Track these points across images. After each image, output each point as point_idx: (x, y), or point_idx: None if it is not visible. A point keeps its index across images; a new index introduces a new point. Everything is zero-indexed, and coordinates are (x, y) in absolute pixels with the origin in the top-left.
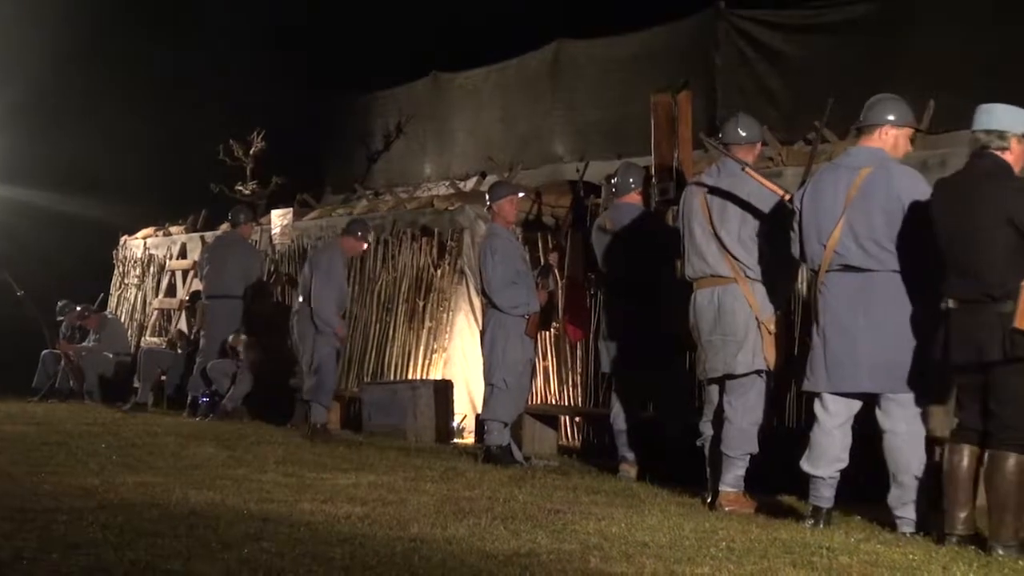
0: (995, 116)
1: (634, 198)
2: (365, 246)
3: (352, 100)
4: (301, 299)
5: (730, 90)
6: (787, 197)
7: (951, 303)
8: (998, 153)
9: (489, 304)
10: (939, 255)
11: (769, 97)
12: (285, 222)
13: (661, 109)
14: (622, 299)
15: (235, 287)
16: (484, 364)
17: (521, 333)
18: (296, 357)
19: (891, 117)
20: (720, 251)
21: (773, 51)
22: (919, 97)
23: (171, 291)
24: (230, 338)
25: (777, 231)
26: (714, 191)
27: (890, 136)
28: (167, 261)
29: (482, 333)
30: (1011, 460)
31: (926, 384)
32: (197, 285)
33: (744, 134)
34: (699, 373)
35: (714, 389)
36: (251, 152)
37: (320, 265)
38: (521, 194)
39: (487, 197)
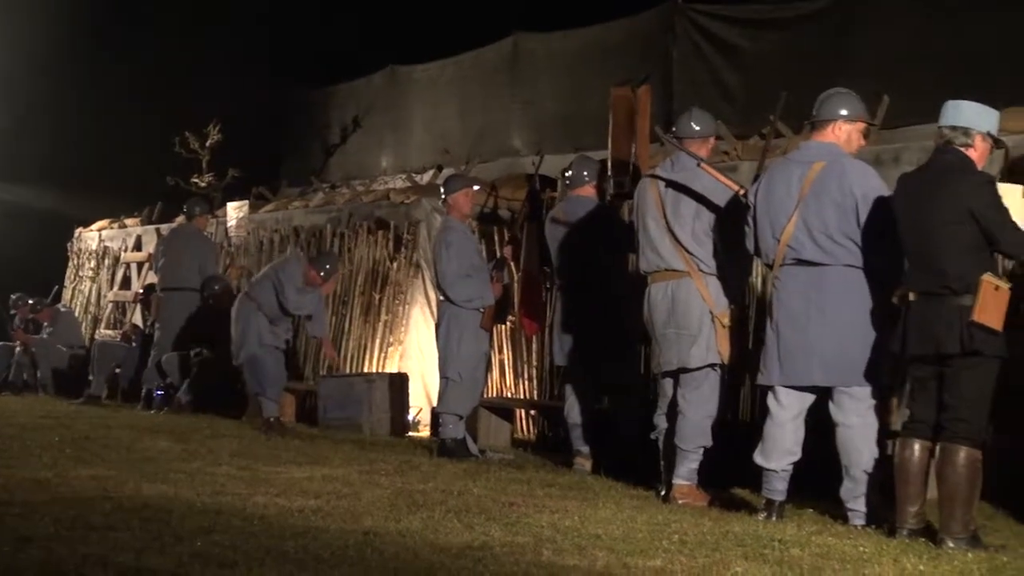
0: (961, 113)
1: (588, 191)
2: (327, 286)
3: (309, 93)
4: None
5: (686, 84)
6: (741, 192)
7: (911, 295)
8: (962, 149)
9: (444, 298)
10: (902, 248)
11: (725, 91)
12: (241, 215)
13: (620, 103)
14: (576, 292)
15: (190, 279)
16: (439, 357)
17: (476, 326)
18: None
19: (843, 112)
20: (674, 245)
21: (729, 46)
22: (873, 92)
23: (126, 283)
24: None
25: (731, 225)
26: (669, 185)
27: (843, 131)
28: (122, 253)
29: (437, 326)
30: (962, 453)
31: (879, 377)
32: (152, 278)
33: (698, 128)
34: (653, 366)
35: (668, 382)
36: (207, 144)
37: (287, 279)
38: (476, 187)
39: (442, 190)
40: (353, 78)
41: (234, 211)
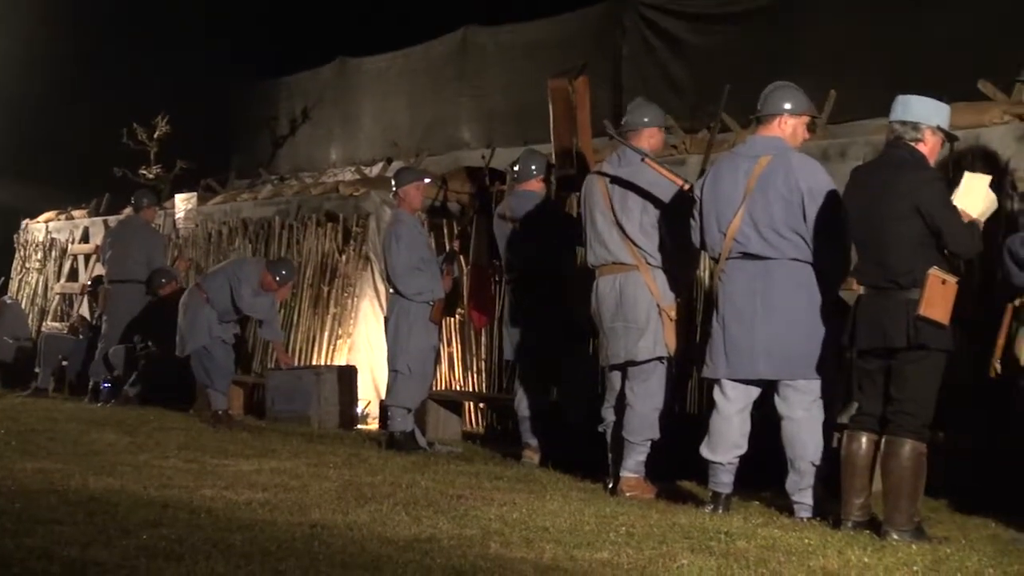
0: (910, 108)
1: (535, 185)
2: (281, 292)
3: (258, 85)
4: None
5: (635, 79)
6: (686, 187)
7: (861, 289)
8: (912, 144)
9: (393, 291)
10: (852, 242)
11: (673, 86)
12: (189, 206)
13: (558, 95)
14: (524, 286)
15: (138, 272)
16: (388, 350)
17: (425, 320)
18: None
19: (788, 106)
20: (622, 239)
21: (677, 40)
22: (820, 87)
23: (73, 276)
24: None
25: (678, 219)
26: (614, 181)
27: (788, 125)
28: (69, 245)
29: (386, 319)
30: (907, 446)
31: (824, 371)
32: (99, 270)
33: (646, 119)
34: (601, 359)
35: (616, 375)
36: (155, 136)
37: (244, 280)
38: (427, 180)
39: (392, 183)
40: (302, 70)
41: (182, 203)
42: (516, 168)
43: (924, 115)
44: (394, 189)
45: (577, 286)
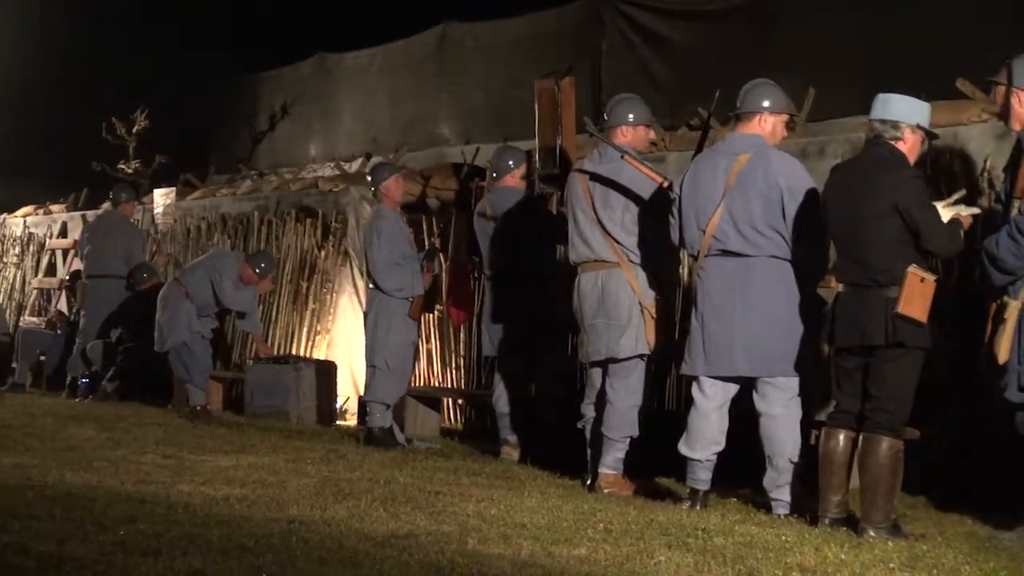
0: (890, 106)
1: (513, 181)
2: (263, 284)
3: (238, 80)
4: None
5: (615, 75)
6: (665, 183)
7: (840, 287)
8: (892, 143)
9: (373, 286)
10: (831, 240)
11: (653, 82)
12: (168, 201)
13: (544, 95)
14: (504, 283)
15: (116, 267)
16: (366, 346)
17: (404, 315)
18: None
19: (767, 104)
20: (603, 236)
21: (658, 37)
22: (800, 85)
23: (51, 270)
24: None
25: (659, 216)
26: (595, 177)
27: (768, 123)
28: (47, 240)
29: (365, 315)
30: (884, 444)
31: (802, 368)
32: (78, 264)
33: (631, 116)
34: (581, 356)
35: (596, 372)
36: (134, 130)
37: (225, 273)
38: (403, 171)
39: (370, 180)
40: (282, 65)
41: (161, 198)
42: (493, 165)
43: (904, 113)
44: (373, 186)
45: (558, 283)
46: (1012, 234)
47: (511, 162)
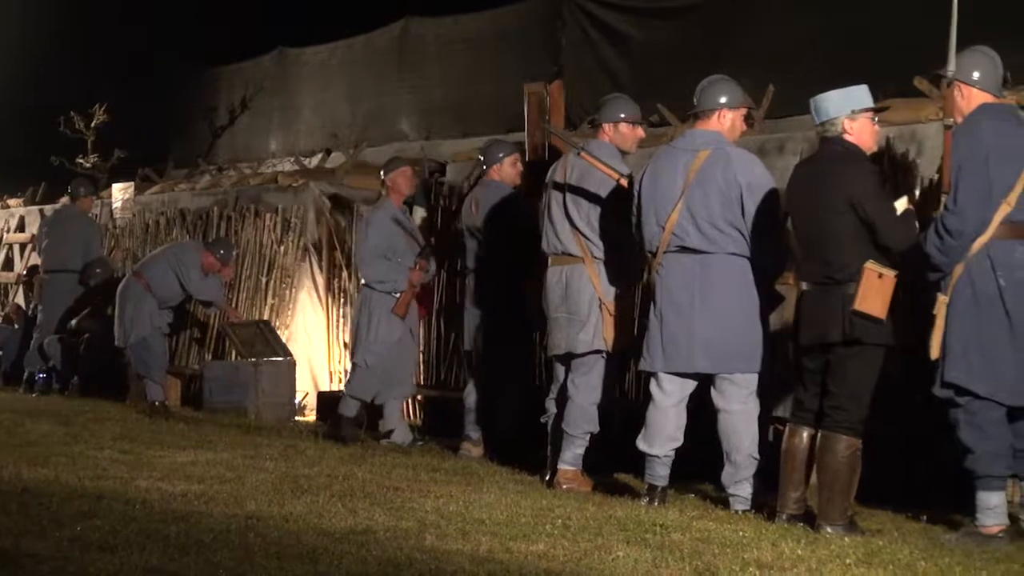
0: (820, 108)
1: (500, 175)
2: (227, 271)
3: (197, 74)
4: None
5: (576, 72)
6: (624, 180)
7: (804, 285)
8: (841, 136)
9: (360, 279)
10: (793, 238)
11: (613, 79)
12: (126, 196)
13: (533, 99)
14: (484, 278)
15: (74, 261)
16: (352, 340)
17: (389, 312)
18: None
19: (725, 100)
20: (571, 230)
21: (618, 34)
22: (759, 82)
23: (8, 265)
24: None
25: (621, 213)
26: (573, 170)
27: (727, 119)
28: (4, 234)
29: (353, 308)
30: (842, 442)
31: (760, 364)
32: (35, 259)
33: (622, 115)
34: (549, 349)
35: (560, 367)
36: (93, 125)
37: (190, 264)
38: (413, 166)
39: (382, 172)
40: (242, 60)
41: (119, 192)
42: (482, 158)
43: (835, 108)
44: (383, 178)
45: (535, 280)
46: (937, 230)
47: (500, 154)
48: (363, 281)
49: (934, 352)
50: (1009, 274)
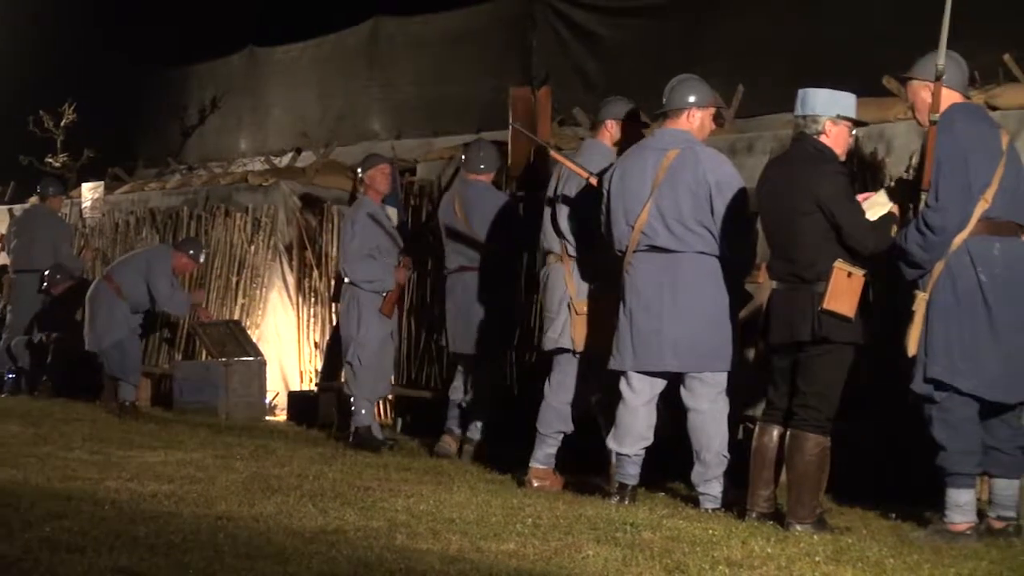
0: (808, 100)
1: (483, 176)
2: (196, 265)
3: (167, 73)
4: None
5: (545, 70)
6: (593, 180)
7: (774, 284)
8: (816, 138)
9: (346, 278)
10: (766, 237)
11: (584, 78)
12: (96, 195)
13: (520, 104)
14: (467, 278)
15: (43, 261)
16: (343, 341)
17: (377, 310)
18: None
19: (694, 99)
20: (554, 229)
21: (588, 33)
22: (728, 81)
23: None
24: None
25: (593, 213)
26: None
27: (696, 118)
28: None
29: (342, 309)
30: (811, 441)
31: (730, 363)
32: (4, 259)
33: (622, 113)
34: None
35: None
36: (62, 124)
37: (161, 273)
38: (391, 163)
39: (359, 169)
40: (212, 59)
41: (89, 192)
42: (464, 158)
43: (822, 106)
44: (360, 175)
45: (518, 280)
46: (919, 227)
47: (482, 154)
48: (347, 280)
49: (911, 349)
50: (989, 270)
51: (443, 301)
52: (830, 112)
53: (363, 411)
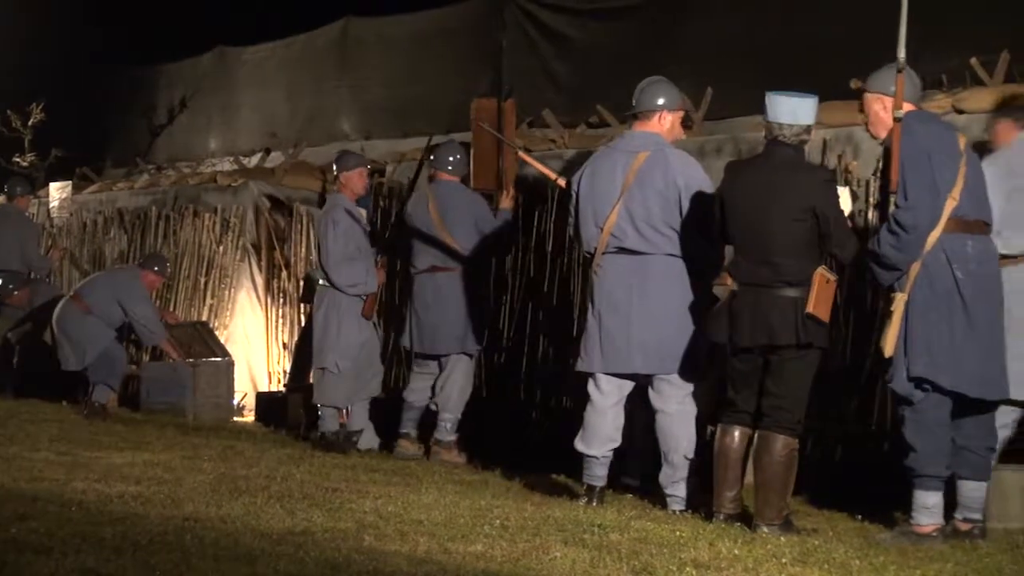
0: (787, 107)
1: (452, 176)
2: (163, 279)
3: (135, 73)
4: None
5: (516, 72)
6: (561, 182)
7: (739, 287)
8: (796, 142)
9: (324, 280)
10: (730, 240)
11: (553, 80)
12: (64, 195)
13: (484, 115)
14: (433, 278)
15: (11, 261)
16: (315, 345)
17: (357, 314)
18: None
19: (664, 101)
20: None
21: (558, 35)
22: (698, 84)
23: None
24: None
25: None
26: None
27: (667, 120)
28: None
29: (314, 312)
30: (779, 442)
31: (697, 365)
32: None
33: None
34: None
35: None
36: (30, 123)
37: (138, 299)
38: (368, 166)
39: (335, 167)
40: (181, 58)
41: (57, 192)
42: (435, 157)
43: (804, 114)
44: (336, 174)
45: (486, 281)
46: (891, 228)
47: (451, 158)
48: (325, 283)
49: (888, 349)
50: (964, 267)
51: (410, 301)
52: (811, 119)
53: (328, 418)
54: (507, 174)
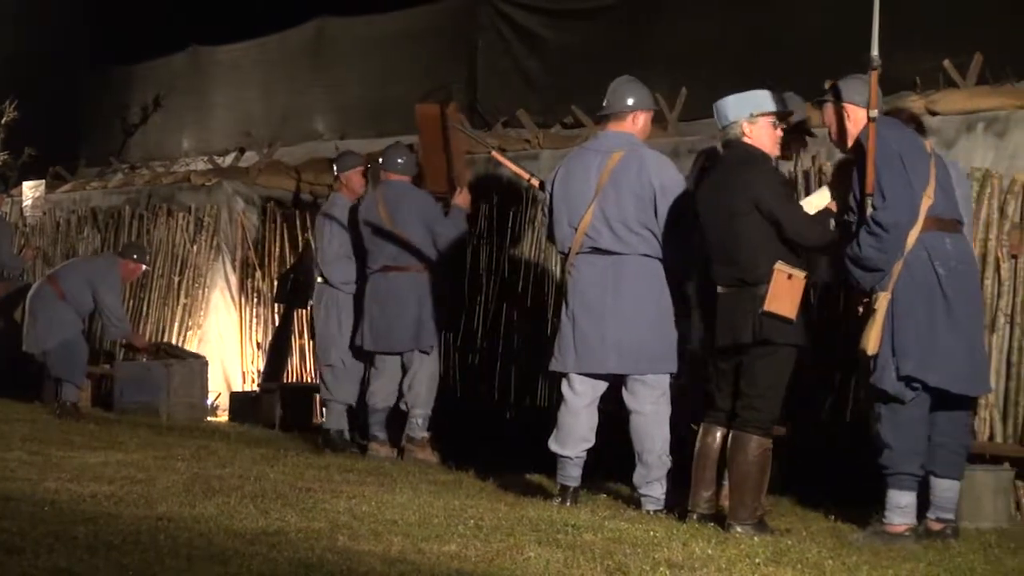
0: (720, 111)
1: (402, 176)
2: (144, 268)
3: (109, 72)
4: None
5: (490, 72)
6: (535, 182)
7: (719, 288)
8: (740, 139)
9: (321, 278)
10: (706, 242)
11: (527, 80)
12: (37, 194)
13: (429, 122)
14: (389, 278)
15: None
16: (317, 343)
17: (354, 311)
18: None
19: (636, 100)
20: None
21: (532, 35)
22: (672, 85)
23: None
24: None
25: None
26: None
27: (640, 120)
28: None
29: (313, 309)
30: (752, 442)
31: (671, 366)
32: None
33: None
34: None
35: None
36: (3, 121)
37: (110, 288)
38: (368, 166)
39: (335, 167)
40: (154, 57)
41: (30, 191)
42: (383, 158)
43: (733, 112)
44: (336, 173)
45: (444, 280)
46: (871, 230)
47: (399, 159)
48: (320, 280)
49: (871, 348)
50: (945, 263)
51: (365, 301)
52: (742, 114)
53: (335, 415)
54: (460, 176)
